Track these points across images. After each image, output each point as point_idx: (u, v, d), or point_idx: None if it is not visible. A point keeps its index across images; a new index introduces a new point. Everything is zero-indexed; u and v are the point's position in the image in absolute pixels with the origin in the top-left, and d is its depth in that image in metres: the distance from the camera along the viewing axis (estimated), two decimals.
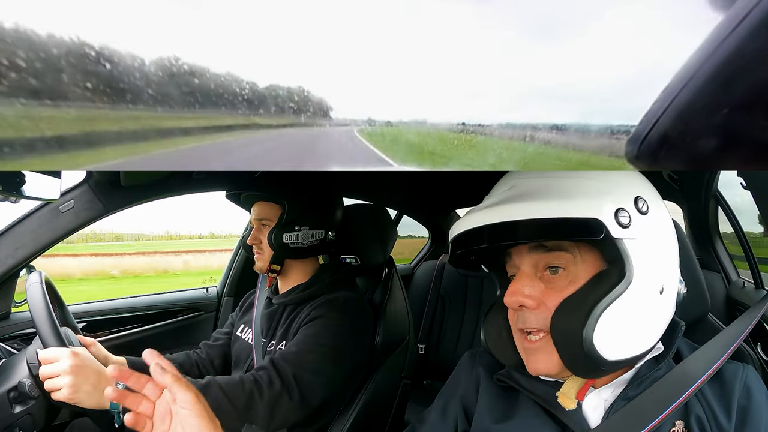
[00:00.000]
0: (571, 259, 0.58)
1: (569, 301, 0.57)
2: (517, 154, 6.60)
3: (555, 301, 0.58)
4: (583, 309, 0.55)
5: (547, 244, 0.58)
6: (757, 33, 0.24)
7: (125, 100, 7.10)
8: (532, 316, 0.59)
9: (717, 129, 0.27)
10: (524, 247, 0.61)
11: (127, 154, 4.11)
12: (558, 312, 0.57)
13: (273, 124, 12.51)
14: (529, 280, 0.60)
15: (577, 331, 0.54)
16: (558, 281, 0.59)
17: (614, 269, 0.56)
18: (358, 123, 19.14)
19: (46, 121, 4.16)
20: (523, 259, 0.61)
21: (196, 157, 4.71)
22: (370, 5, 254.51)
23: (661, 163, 0.31)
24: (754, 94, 0.25)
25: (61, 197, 1.07)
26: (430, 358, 2.18)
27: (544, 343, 0.59)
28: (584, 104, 65.44)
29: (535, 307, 0.59)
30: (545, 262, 0.59)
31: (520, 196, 0.59)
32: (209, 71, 10.39)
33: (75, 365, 0.80)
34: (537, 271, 0.60)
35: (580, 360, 0.56)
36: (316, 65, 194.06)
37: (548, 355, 0.58)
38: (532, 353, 0.60)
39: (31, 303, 0.86)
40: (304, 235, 1.13)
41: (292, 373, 0.95)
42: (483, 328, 0.67)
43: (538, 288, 0.59)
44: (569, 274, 0.58)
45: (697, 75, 0.27)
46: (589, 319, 0.54)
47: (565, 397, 0.60)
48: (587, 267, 0.58)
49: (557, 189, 0.59)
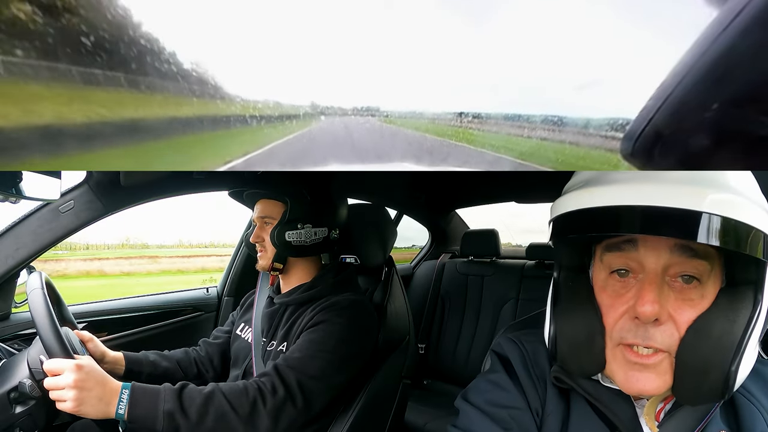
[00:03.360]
0: (708, 271, 0.50)
1: (710, 321, 0.49)
2: (514, 150, 6.61)
3: (688, 317, 0.50)
4: (733, 336, 0.48)
5: (696, 248, 0.49)
6: (750, 29, 0.24)
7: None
8: (657, 333, 0.50)
9: (711, 127, 0.27)
10: (664, 243, 0.50)
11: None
12: (696, 332, 0.49)
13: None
14: (662, 286, 0.50)
15: (723, 359, 0.48)
16: (691, 293, 0.50)
17: (747, 292, 0.50)
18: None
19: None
20: (654, 257, 0.51)
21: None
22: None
23: (655, 161, 0.31)
24: (748, 91, 0.25)
25: (62, 197, 1.07)
26: (430, 358, 2.18)
27: (658, 362, 0.50)
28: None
29: (665, 321, 0.50)
30: (682, 269, 0.50)
31: (723, 185, 0.49)
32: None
33: (79, 379, 0.80)
34: (666, 275, 0.51)
35: (710, 390, 0.49)
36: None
37: (661, 376, 0.50)
38: (640, 370, 0.51)
39: (33, 310, 0.85)
40: (307, 233, 1.13)
41: (295, 381, 0.95)
42: (561, 331, 0.55)
43: (670, 298, 0.50)
44: (702, 288, 0.50)
45: (691, 72, 0.27)
46: (740, 349, 0.48)
47: (650, 417, 0.53)
48: (715, 283, 0.51)
49: (747, 191, 0.50)
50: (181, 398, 0.87)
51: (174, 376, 1.18)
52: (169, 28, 16.68)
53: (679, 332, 0.49)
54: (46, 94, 4.18)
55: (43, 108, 3.62)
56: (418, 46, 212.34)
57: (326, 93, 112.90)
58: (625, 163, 0.34)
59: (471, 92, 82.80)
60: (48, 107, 3.73)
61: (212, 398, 0.89)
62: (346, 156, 5.77)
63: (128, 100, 6.12)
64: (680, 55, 0.28)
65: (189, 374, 1.21)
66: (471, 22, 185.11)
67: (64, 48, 5.11)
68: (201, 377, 1.23)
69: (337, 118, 17.08)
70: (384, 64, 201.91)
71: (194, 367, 1.22)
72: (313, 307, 1.10)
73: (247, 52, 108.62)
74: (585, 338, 0.54)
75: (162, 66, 7.54)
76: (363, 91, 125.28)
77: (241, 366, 1.16)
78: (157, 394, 0.86)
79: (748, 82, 0.25)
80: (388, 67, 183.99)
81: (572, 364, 0.55)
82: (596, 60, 69.48)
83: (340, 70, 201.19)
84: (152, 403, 0.84)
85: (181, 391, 0.88)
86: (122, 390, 0.83)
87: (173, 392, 0.87)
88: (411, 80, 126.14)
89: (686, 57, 0.28)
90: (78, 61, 5.27)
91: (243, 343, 1.21)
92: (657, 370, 0.50)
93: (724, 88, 0.26)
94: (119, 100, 5.74)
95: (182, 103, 7.60)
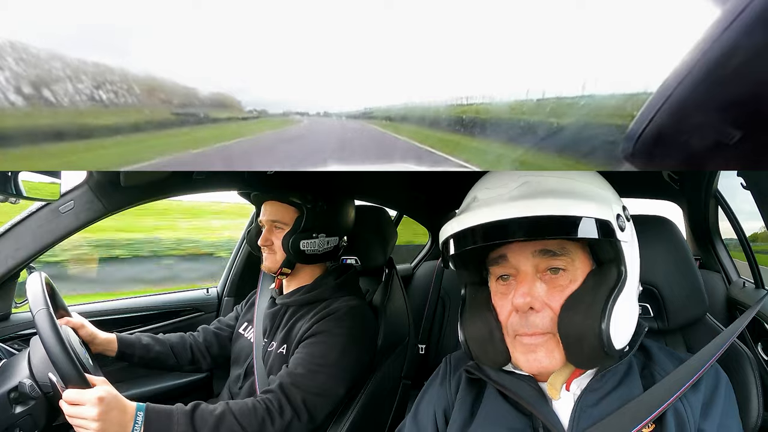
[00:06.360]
0: (571, 261, 0.62)
1: (576, 298, 0.60)
2: (514, 153, 6.59)
3: (559, 300, 0.61)
4: (597, 304, 0.59)
5: (553, 249, 0.61)
6: (751, 29, 0.24)
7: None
8: (537, 318, 0.61)
9: (712, 127, 0.27)
10: (527, 250, 0.62)
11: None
12: (567, 309, 0.60)
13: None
14: (533, 281, 0.62)
15: (594, 324, 0.58)
16: (560, 280, 0.61)
17: (612, 268, 0.61)
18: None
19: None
20: (523, 261, 0.62)
21: (198, 157, 4.71)
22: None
23: (656, 161, 0.31)
24: (749, 90, 0.25)
25: (62, 198, 1.07)
26: (431, 358, 2.18)
27: (545, 341, 0.61)
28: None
29: (540, 309, 0.61)
30: (547, 264, 0.62)
31: (542, 192, 0.60)
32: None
33: (102, 411, 0.81)
34: (537, 272, 0.62)
35: (592, 351, 0.59)
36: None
37: (551, 352, 0.61)
38: (533, 350, 0.61)
39: (41, 333, 0.83)
40: (321, 242, 1.13)
41: (301, 399, 0.98)
42: (466, 333, 0.68)
43: (542, 289, 0.62)
44: (569, 274, 0.62)
45: (693, 72, 0.27)
46: (605, 312, 0.58)
47: (553, 387, 0.64)
48: (583, 267, 0.62)
49: (573, 190, 0.61)
50: (194, 420, 0.89)
51: (166, 361, 1.21)
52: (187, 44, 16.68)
53: (555, 314, 0.60)
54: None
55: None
56: (418, 42, 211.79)
57: (326, 93, 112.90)
58: (626, 163, 0.34)
59: (470, 92, 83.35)
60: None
61: (223, 419, 0.91)
62: (347, 156, 5.77)
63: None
64: (682, 55, 0.28)
65: (182, 360, 1.23)
66: (471, 23, 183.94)
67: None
68: (195, 363, 1.25)
69: (336, 118, 17.06)
70: (383, 64, 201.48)
71: (188, 353, 1.24)
72: (313, 312, 1.10)
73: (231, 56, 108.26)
74: (486, 335, 0.65)
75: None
76: (362, 92, 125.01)
77: (242, 365, 1.17)
78: (170, 416, 0.88)
79: (750, 82, 0.24)
80: (387, 67, 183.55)
81: (483, 358, 0.66)
82: (596, 60, 69.67)
83: (339, 70, 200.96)
84: (165, 426, 0.86)
85: (193, 413, 0.90)
86: (137, 412, 0.85)
87: (186, 415, 0.89)
88: (410, 80, 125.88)
89: (687, 57, 0.28)
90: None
91: (245, 342, 1.21)
92: (546, 347, 0.61)
93: (725, 88, 0.26)
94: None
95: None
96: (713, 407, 0.62)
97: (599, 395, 0.62)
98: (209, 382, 1.55)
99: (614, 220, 0.59)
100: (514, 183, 0.63)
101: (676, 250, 0.81)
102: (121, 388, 0.91)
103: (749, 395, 0.72)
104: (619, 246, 0.60)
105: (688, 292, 0.80)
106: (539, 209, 0.57)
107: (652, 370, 0.66)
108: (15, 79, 4.07)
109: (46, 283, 0.95)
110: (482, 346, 0.66)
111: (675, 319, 0.81)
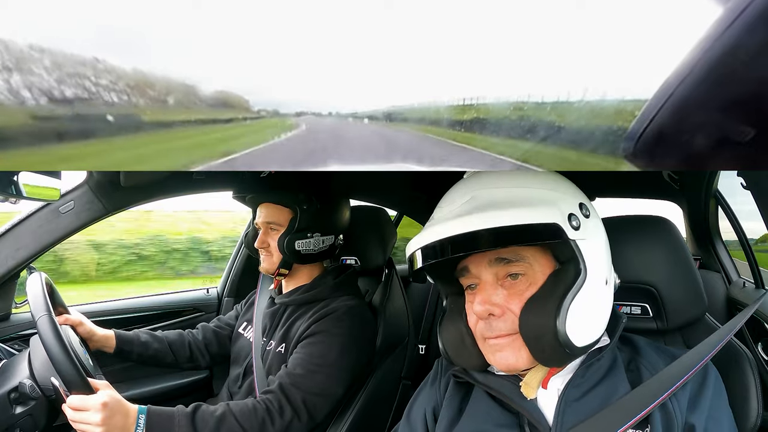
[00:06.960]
0: (529, 265, 0.64)
1: (535, 300, 0.63)
2: (516, 151, 6.59)
3: (519, 304, 0.63)
4: (552, 304, 0.61)
5: (506, 257, 0.64)
6: (754, 27, 0.24)
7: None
8: (500, 323, 0.64)
9: (713, 127, 0.27)
10: (484, 261, 0.65)
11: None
12: (526, 312, 0.62)
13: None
14: (493, 289, 0.65)
15: (549, 323, 0.60)
16: (519, 285, 0.64)
17: (570, 267, 0.63)
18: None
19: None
20: (483, 271, 0.65)
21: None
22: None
23: (657, 161, 0.31)
24: (751, 90, 0.25)
25: (62, 198, 1.07)
26: (431, 358, 2.17)
27: (510, 341, 0.64)
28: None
29: (502, 314, 0.64)
30: (506, 271, 0.64)
31: (483, 206, 0.63)
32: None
33: (106, 417, 0.82)
34: (497, 279, 0.65)
35: (553, 350, 0.61)
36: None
37: (517, 351, 0.64)
38: (500, 350, 0.64)
39: (44, 340, 0.83)
40: (316, 241, 1.13)
41: (301, 400, 0.98)
42: (442, 339, 0.72)
43: (502, 295, 0.64)
44: (528, 278, 0.64)
45: (694, 71, 0.27)
46: (559, 311, 0.60)
47: (528, 386, 0.66)
48: (543, 269, 0.64)
49: (517, 198, 0.64)
50: (195, 422, 0.89)
51: (164, 358, 1.21)
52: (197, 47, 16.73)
53: (517, 317, 0.63)
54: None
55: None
56: (419, 41, 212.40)
57: (324, 93, 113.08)
58: (627, 163, 0.34)
59: (471, 92, 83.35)
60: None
61: (224, 420, 0.92)
62: (346, 156, 5.76)
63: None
64: (683, 54, 0.28)
65: (180, 357, 1.23)
66: (472, 22, 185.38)
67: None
68: (194, 361, 1.26)
69: (336, 118, 17.04)
70: (383, 64, 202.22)
71: (187, 351, 1.24)
72: (312, 312, 1.11)
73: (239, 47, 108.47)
74: (459, 340, 0.69)
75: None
76: (362, 91, 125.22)
77: (242, 364, 1.18)
78: (171, 418, 0.89)
79: (752, 81, 0.24)
80: (387, 67, 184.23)
81: (460, 361, 0.70)
82: (597, 59, 69.95)
83: (338, 69, 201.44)
84: (167, 428, 0.87)
85: (194, 414, 0.91)
86: (139, 415, 0.86)
87: (187, 416, 0.90)
88: (411, 79, 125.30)
89: (689, 56, 0.27)
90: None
91: (244, 342, 1.22)
92: (512, 347, 0.63)
93: (727, 87, 0.26)
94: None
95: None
96: (701, 400, 0.62)
97: (583, 390, 0.64)
98: (209, 382, 1.55)
99: (564, 220, 0.61)
100: (460, 200, 0.66)
101: (676, 250, 0.81)
102: (121, 388, 0.91)
103: (748, 395, 0.71)
104: (574, 245, 0.62)
105: (687, 292, 0.80)
106: (478, 224, 0.59)
107: (639, 363, 0.67)
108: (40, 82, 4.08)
109: (46, 283, 0.95)
110: (457, 350, 0.70)
111: (674, 319, 0.80)
